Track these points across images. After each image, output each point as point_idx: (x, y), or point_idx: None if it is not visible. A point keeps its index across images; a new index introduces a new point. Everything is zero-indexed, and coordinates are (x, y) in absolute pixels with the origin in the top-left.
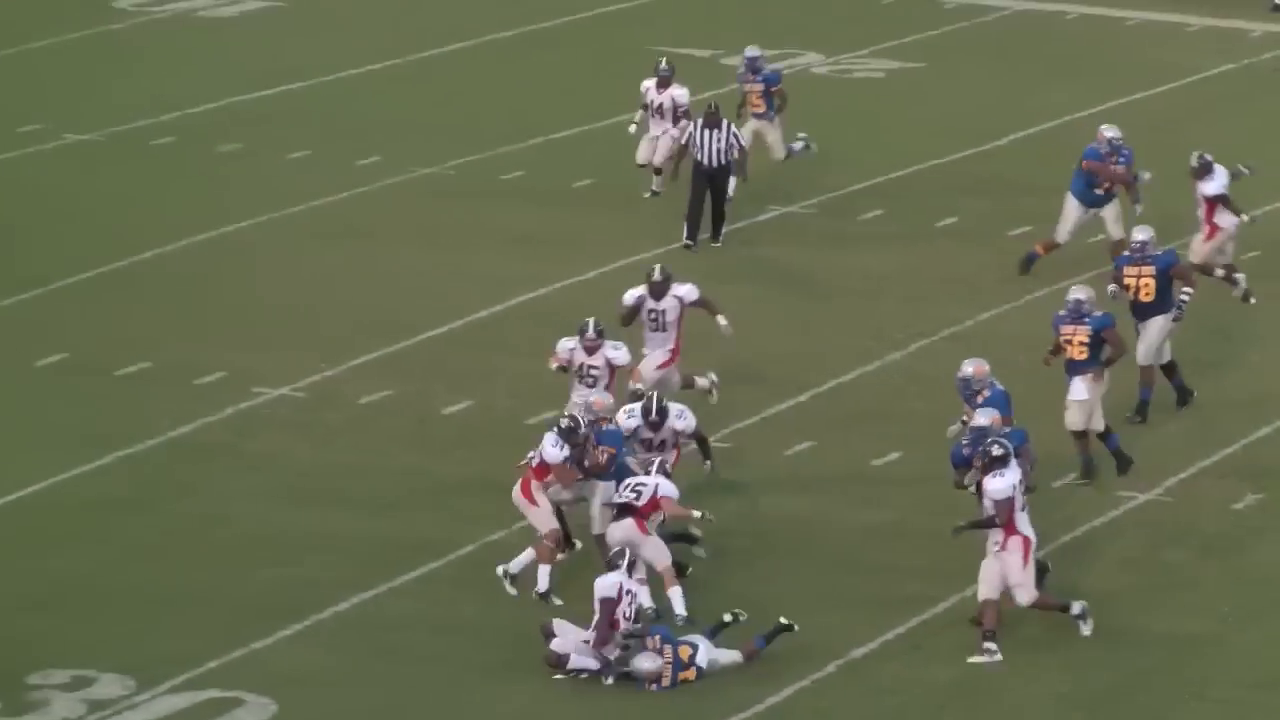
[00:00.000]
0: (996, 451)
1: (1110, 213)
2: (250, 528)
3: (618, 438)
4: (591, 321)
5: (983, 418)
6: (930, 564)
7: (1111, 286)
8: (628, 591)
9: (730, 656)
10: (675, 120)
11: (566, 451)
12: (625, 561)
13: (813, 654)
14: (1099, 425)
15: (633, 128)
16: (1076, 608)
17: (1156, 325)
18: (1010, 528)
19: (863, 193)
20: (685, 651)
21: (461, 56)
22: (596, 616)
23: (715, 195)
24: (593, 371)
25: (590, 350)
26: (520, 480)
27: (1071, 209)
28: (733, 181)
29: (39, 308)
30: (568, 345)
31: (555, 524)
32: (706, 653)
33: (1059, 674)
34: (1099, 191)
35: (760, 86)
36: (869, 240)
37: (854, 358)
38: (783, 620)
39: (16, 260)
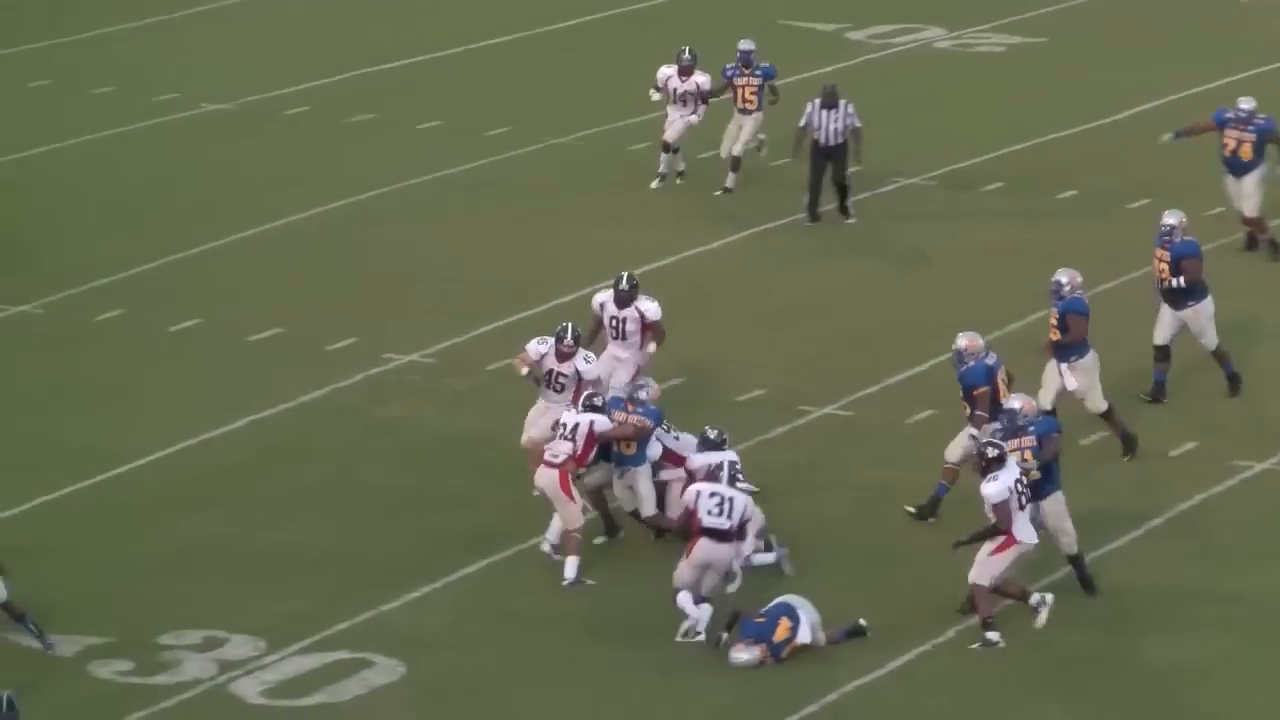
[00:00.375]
0: (991, 454)
1: (1249, 184)
2: (378, 492)
3: (658, 415)
4: (570, 327)
5: (1016, 400)
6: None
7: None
8: (712, 494)
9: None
10: (698, 106)
11: (609, 418)
12: (725, 474)
13: (933, 619)
14: (1098, 405)
15: (655, 94)
16: (1035, 598)
17: (1205, 312)
18: (1008, 530)
19: (983, 166)
20: (783, 630)
21: (590, 28)
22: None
23: (835, 170)
24: (561, 379)
25: (564, 357)
26: (559, 473)
27: (1228, 179)
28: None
29: (173, 274)
30: (539, 348)
31: (582, 521)
32: (808, 620)
33: (1173, 640)
34: (1226, 155)
35: (757, 80)
36: (989, 213)
37: (974, 327)
38: (861, 622)
39: (151, 227)
